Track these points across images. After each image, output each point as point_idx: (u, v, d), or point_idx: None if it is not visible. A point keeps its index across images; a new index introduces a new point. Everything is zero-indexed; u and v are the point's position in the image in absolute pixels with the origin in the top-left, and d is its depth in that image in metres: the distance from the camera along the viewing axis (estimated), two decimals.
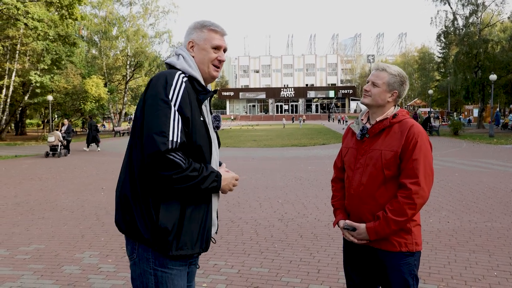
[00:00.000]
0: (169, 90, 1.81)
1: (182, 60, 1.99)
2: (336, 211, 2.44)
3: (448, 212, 6.72)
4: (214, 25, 2.04)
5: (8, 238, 5.64)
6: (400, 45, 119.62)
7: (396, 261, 2.19)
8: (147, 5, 44.33)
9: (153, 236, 1.80)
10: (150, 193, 1.81)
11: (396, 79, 2.27)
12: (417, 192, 2.09)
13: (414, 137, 2.15)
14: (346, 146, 2.43)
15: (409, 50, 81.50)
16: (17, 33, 28.63)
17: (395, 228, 2.13)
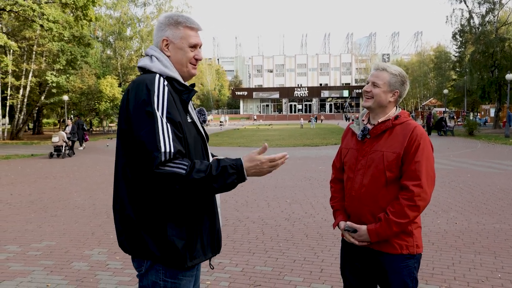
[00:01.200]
0: (153, 98, 1.69)
1: (157, 62, 1.85)
2: (336, 212, 2.41)
3: (456, 213, 6.69)
4: (189, 21, 1.90)
5: (21, 235, 5.80)
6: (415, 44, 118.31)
7: (397, 263, 2.17)
8: (161, 6, 44.75)
9: (165, 253, 1.74)
10: (155, 210, 1.73)
11: (397, 79, 2.25)
12: (419, 194, 2.08)
13: (417, 139, 2.14)
14: (346, 147, 2.40)
15: (424, 49, 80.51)
16: (33, 34, 29.21)
17: (397, 230, 2.11)
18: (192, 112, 1.92)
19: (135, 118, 1.70)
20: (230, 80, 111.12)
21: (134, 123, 1.70)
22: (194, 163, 1.68)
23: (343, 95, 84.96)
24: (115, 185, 1.85)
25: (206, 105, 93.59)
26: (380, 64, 2.27)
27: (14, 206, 7.69)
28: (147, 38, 42.61)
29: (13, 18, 27.05)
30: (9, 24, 31.86)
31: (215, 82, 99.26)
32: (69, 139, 17.99)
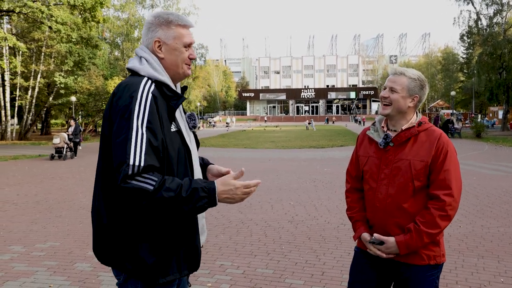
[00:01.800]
0: (134, 106, 1.60)
1: (146, 64, 1.75)
2: (357, 224, 2.27)
3: (460, 216, 6.65)
4: (181, 19, 1.80)
5: (26, 235, 5.86)
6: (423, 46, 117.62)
7: (422, 274, 2.11)
8: (168, 7, 44.90)
9: (137, 266, 1.66)
10: (129, 222, 1.65)
11: (416, 83, 2.15)
12: (450, 204, 2.03)
13: (444, 147, 2.08)
14: (364, 155, 2.26)
15: (432, 50, 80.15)
16: (42, 36, 29.48)
17: (428, 241, 2.04)
18: (180, 119, 1.83)
19: (115, 124, 1.62)
20: (237, 82, 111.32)
21: (113, 131, 1.62)
22: (165, 180, 1.56)
23: (350, 96, 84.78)
24: (94, 192, 1.78)
25: (213, 106, 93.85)
26: (397, 69, 2.19)
27: (20, 207, 7.76)
28: None
29: (22, 19, 27.33)
30: (18, 25, 32.20)
31: (222, 83, 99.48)
32: (71, 140, 17.49)
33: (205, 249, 5.16)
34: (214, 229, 6.08)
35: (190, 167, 1.77)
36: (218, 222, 6.48)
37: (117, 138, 1.59)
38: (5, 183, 10.61)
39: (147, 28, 1.81)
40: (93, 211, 1.78)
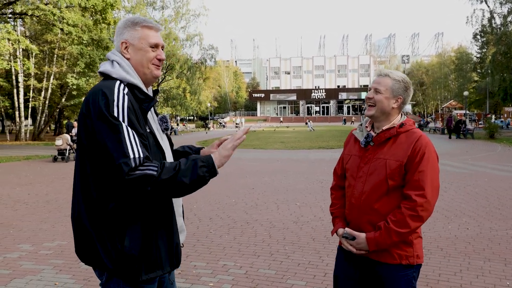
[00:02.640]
0: (112, 108, 1.64)
1: (118, 67, 1.79)
2: (335, 219, 2.35)
3: (469, 218, 6.58)
4: (147, 21, 1.85)
5: (34, 234, 5.94)
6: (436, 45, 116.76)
7: (395, 273, 2.12)
8: (178, 9, 45.22)
9: (119, 265, 1.70)
10: (110, 222, 1.69)
11: (400, 85, 2.19)
12: (422, 205, 2.03)
13: (421, 148, 2.08)
14: (348, 153, 2.34)
15: (445, 50, 79.39)
16: (55, 38, 29.84)
17: (397, 240, 2.06)
18: (153, 121, 1.88)
19: (99, 129, 1.64)
20: (248, 82, 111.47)
21: (97, 134, 1.64)
22: (164, 163, 1.66)
23: (361, 97, 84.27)
24: (73, 194, 1.82)
25: (223, 107, 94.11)
26: (382, 70, 2.23)
27: (30, 206, 7.88)
28: (164, 41, 43.08)
29: (35, 22, 27.71)
30: (31, 28, 32.65)
31: (232, 84, 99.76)
32: (74, 141, 16.84)
33: (208, 248, 5.19)
34: (219, 229, 6.11)
35: None
36: (223, 222, 6.50)
37: (108, 141, 1.63)
38: (17, 183, 10.77)
39: (117, 32, 1.86)
40: (73, 214, 1.81)
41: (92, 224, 1.72)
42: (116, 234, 1.69)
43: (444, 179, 10.55)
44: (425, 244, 5.29)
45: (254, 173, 12.36)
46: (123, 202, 1.69)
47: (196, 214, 7.04)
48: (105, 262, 1.71)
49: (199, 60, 47.60)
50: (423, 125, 41.90)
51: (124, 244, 1.68)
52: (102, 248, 1.70)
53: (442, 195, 8.41)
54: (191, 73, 46.20)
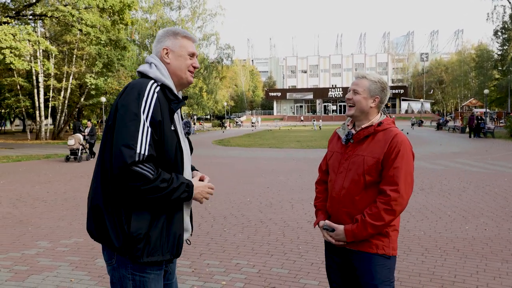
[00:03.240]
0: (141, 102, 1.82)
1: (155, 69, 1.98)
2: (318, 212, 2.52)
3: (487, 219, 6.46)
4: (186, 32, 2.07)
5: (52, 231, 6.06)
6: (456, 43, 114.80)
7: (371, 261, 2.25)
8: (195, 9, 45.39)
9: (124, 244, 1.84)
10: (121, 202, 1.84)
11: (377, 85, 2.34)
12: (395, 199, 2.17)
13: (397, 145, 2.21)
14: (331, 150, 2.50)
15: (465, 47, 77.89)
16: (74, 39, 30.33)
17: (372, 232, 2.20)
18: (178, 122, 2.02)
19: (120, 115, 1.82)
20: (264, 81, 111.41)
21: (119, 120, 1.81)
22: (161, 172, 1.82)
23: None
24: (94, 175, 1.97)
25: (240, 106, 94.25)
26: (359, 73, 2.38)
27: (49, 204, 8.03)
28: None
29: (54, 23, 28.20)
30: (51, 29, 33.26)
31: (249, 83, 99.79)
32: (86, 141, 17.07)
33: (222, 247, 5.21)
34: (233, 228, 6.12)
35: (182, 165, 1.97)
36: (238, 221, 6.52)
37: (124, 128, 1.79)
38: (37, 181, 10.99)
39: (157, 40, 2.07)
40: (90, 192, 1.98)
41: (105, 204, 1.86)
42: (125, 217, 1.84)
43: (462, 179, 10.38)
44: (441, 244, 5.21)
45: (270, 172, 12.36)
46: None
47: (211, 213, 7.07)
48: (112, 240, 1.85)
49: (215, 59, 47.73)
50: (442, 124, 41.22)
51: (131, 225, 1.82)
52: (112, 229, 1.85)
53: (461, 195, 8.29)
54: (208, 72, 46.37)
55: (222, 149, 22.48)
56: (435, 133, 34.40)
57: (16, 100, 34.40)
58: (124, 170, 1.74)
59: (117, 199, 1.84)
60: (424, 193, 8.58)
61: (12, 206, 7.81)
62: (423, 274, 4.26)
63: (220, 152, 20.24)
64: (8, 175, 12.30)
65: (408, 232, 5.78)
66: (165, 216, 1.90)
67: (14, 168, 14.20)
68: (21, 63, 19.44)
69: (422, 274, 4.26)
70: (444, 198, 8.11)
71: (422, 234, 5.66)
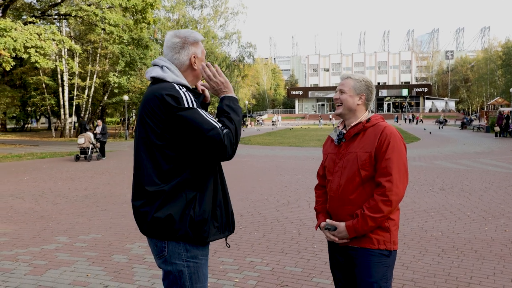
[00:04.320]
0: (183, 103, 1.96)
1: (170, 72, 2.09)
2: (318, 215, 2.56)
3: (508, 220, 6.30)
4: (201, 37, 2.23)
5: (71, 227, 6.20)
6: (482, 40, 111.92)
7: (371, 258, 2.27)
8: (217, 7, 45.61)
9: (190, 229, 1.97)
10: (183, 190, 1.98)
11: (361, 84, 2.42)
12: (391, 189, 2.21)
13: (387, 138, 2.28)
14: (325, 153, 2.58)
15: (492, 45, 75.91)
16: (98, 38, 30.88)
17: (373, 225, 2.23)
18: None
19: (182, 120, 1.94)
20: (286, 80, 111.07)
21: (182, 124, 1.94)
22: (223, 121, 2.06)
23: (401, 94, 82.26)
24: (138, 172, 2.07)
25: (261, 104, 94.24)
26: (345, 74, 2.47)
27: (70, 200, 8.22)
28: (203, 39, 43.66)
29: (79, 23, 28.78)
30: (76, 28, 33.95)
31: (270, 82, 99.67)
32: (98, 140, 16.55)
33: (237, 245, 5.24)
34: (249, 226, 6.15)
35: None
36: (254, 219, 6.54)
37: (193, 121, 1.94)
38: (59, 178, 11.26)
39: (181, 47, 2.14)
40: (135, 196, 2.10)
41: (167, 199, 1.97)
42: (189, 203, 1.97)
43: (484, 179, 10.15)
44: (458, 245, 5.11)
45: (289, 170, 12.34)
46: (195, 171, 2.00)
47: None
48: (177, 229, 1.96)
49: (237, 58, 47.86)
50: (466, 123, 40.33)
51: (195, 210, 1.96)
52: (177, 217, 1.95)
53: (482, 196, 8.10)
54: (230, 71, 46.53)
55: (242, 147, 22.54)
56: (459, 132, 33.68)
57: (41, 98, 35.31)
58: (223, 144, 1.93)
59: (179, 187, 1.97)
60: (444, 193, 8.42)
61: (34, 202, 8.03)
62: (438, 275, 4.19)
63: (239, 150, 20.28)
64: (32, 171, 12.64)
65: (425, 232, 5.69)
66: (219, 196, 2.07)
67: (38, 164, 14.58)
68: (45, 62, 19.91)
69: (437, 275, 4.19)
70: (464, 198, 7.95)
71: (439, 235, 5.57)
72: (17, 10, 25.99)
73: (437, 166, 12.96)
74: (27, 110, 47.74)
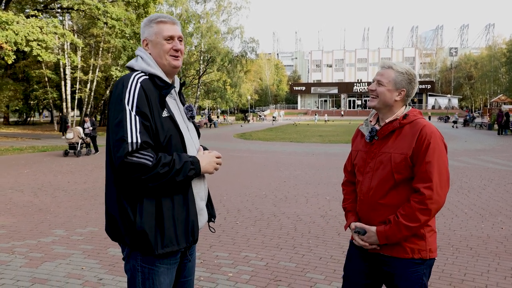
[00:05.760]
0: (125, 93, 1.82)
1: (141, 61, 1.99)
2: (348, 214, 2.33)
3: (505, 217, 6.29)
4: (160, 16, 2.03)
5: (69, 220, 6.22)
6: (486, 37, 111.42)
7: (405, 269, 2.08)
8: (220, 2, 45.45)
9: (134, 239, 1.83)
10: (126, 195, 1.84)
11: (404, 77, 2.15)
12: (431, 197, 1.98)
13: (426, 138, 2.03)
14: (355, 149, 2.34)
15: (496, 42, 75.56)
16: (100, 32, 30.86)
17: (407, 234, 2.03)
18: (175, 108, 2.02)
19: (111, 112, 1.85)
20: (289, 75, 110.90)
21: (110, 116, 1.85)
22: (160, 157, 1.79)
23: None
24: (106, 178, 1.99)
25: (264, 100, 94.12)
26: (386, 62, 2.20)
27: (68, 193, 8.24)
28: (206, 34, 43.57)
29: (82, 16, 28.77)
30: (79, 22, 33.92)
31: (273, 77, 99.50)
32: (87, 135, 16.05)
33: (233, 239, 5.25)
34: (246, 220, 6.16)
35: (184, 150, 1.95)
36: (251, 214, 6.55)
37: (114, 121, 1.81)
38: (59, 171, 11.30)
39: (141, 32, 2.08)
40: (106, 190, 1.99)
41: (118, 200, 1.87)
42: (131, 210, 1.83)
43: (484, 177, 10.13)
44: (454, 242, 5.11)
45: (288, 166, 12.34)
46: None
47: (225, 206, 7.12)
48: (124, 236, 1.86)
49: (240, 53, 47.75)
50: (468, 120, 40.20)
51: (136, 219, 1.81)
52: (121, 224, 1.86)
53: (480, 193, 8.09)
54: (232, 66, 46.43)
55: (242, 142, 22.55)
56: (461, 130, 33.58)
57: (44, 92, 35.35)
58: (122, 163, 1.74)
59: (122, 192, 1.85)
60: None
61: (33, 195, 8.06)
62: (432, 271, 4.18)
63: (240, 145, 20.31)
64: (32, 164, 12.68)
65: None
66: (172, 202, 1.88)
67: (39, 158, 14.62)
68: (48, 55, 19.92)
69: (431, 271, 4.18)
70: (462, 195, 7.94)
71: None
72: (19, 3, 25.99)
73: None
74: (30, 104, 47.83)
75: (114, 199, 1.88)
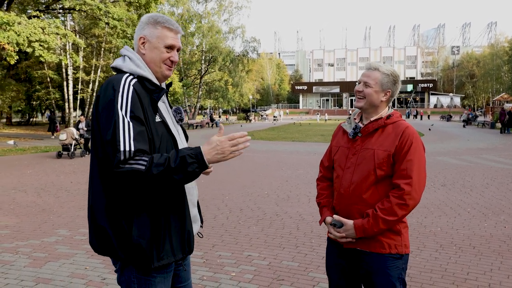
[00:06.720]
0: (117, 98, 1.69)
1: (129, 61, 1.84)
2: (323, 209, 2.38)
3: (508, 216, 6.28)
4: (169, 22, 1.88)
5: (72, 220, 6.24)
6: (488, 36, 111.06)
7: (384, 264, 2.15)
8: (221, 1, 45.50)
9: (130, 254, 1.74)
10: (118, 206, 1.74)
11: (389, 78, 2.23)
12: (409, 193, 2.07)
13: (409, 138, 2.13)
14: (336, 145, 2.39)
15: (498, 40, 75.27)
16: (102, 32, 30.90)
17: (384, 228, 2.10)
18: (166, 112, 1.92)
19: (102, 118, 1.71)
20: (291, 75, 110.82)
21: (101, 123, 1.71)
22: (153, 158, 1.65)
23: (406, 89, 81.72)
24: (89, 181, 1.87)
25: (266, 99, 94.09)
26: (372, 64, 2.27)
27: (71, 193, 8.27)
28: (207, 34, 43.61)
29: (83, 17, 28.81)
30: (80, 22, 33.98)
31: (275, 77, 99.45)
32: (82, 136, 15.54)
33: (235, 239, 5.26)
34: (248, 220, 6.16)
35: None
36: (253, 214, 6.56)
37: (106, 130, 1.68)
38: (62, 171, 11.33)
39: (138, 26, 1.91)
40: (89, 200, 1.88)
41: (107, 213, 1.76)
42: (126, 223, 1.72)
43: (486, 175, 10.11)
44: (456, 241, 5.11)
45: (290, 165, 12.35)
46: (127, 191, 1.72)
47: (228, 205, 7.13)
48: (117, 251, 1.75)
49: (241, 52, 47.79)
50: (471, 119, 40.13)
51: (132, 233, 1.71)
52: (115, 236, 1.74)
53: (483, 192, 8.08)
54: (234, 65, 46.49)
55: None
56: (464, 128, 33.53)
57: (46, 92, 35.40)
58: (116, 174, 1.64)
59: (116, 206, 1.74)
60: (445, 189, 8.40)
61: (36, 195, 8.08)
62: (435, 270, 4.19)
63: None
64: (35, 165, 12.72)
65: (424, 228, 5.68)
66: (167, 215, 1.78)
67: (41, 158, 14.66)
68: (50, 56, 19.96)
69: (434, 270, 4.19)
70: (465, 194, 7.93)
71: (438, 230, 5.56)
72: (21, 4, 26.05)
73: (439, 161, 12.92)
74: (32, 104, 47.91)
75: (103, 209, 1.76)
